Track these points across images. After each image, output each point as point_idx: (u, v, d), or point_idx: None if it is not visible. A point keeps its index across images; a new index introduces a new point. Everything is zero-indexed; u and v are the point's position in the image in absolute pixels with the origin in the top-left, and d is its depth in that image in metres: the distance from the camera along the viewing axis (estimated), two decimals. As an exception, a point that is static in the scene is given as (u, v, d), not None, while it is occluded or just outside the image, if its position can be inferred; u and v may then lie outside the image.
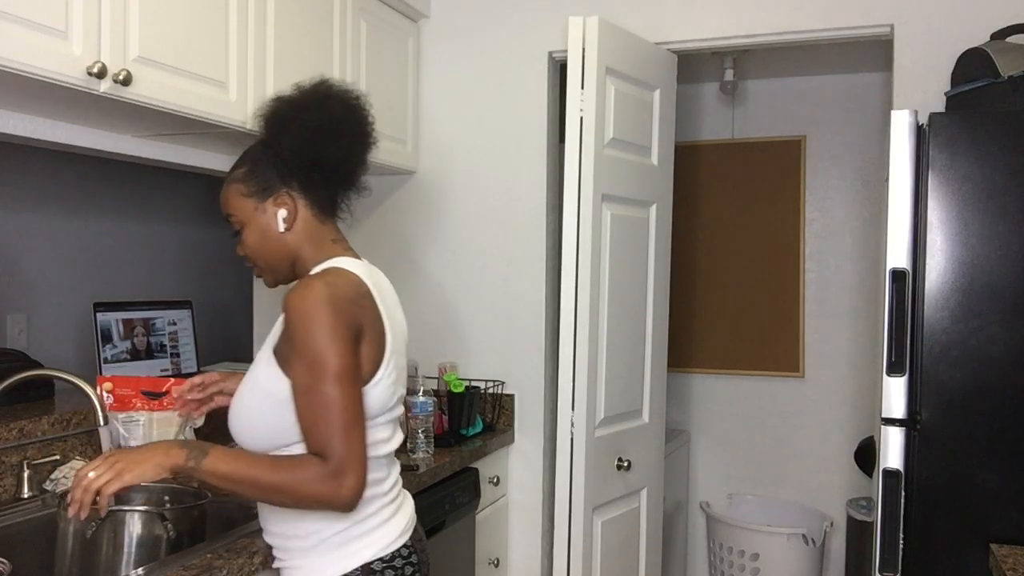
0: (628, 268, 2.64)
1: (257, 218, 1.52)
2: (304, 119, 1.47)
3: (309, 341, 1.36)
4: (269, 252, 1.54)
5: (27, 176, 2.64)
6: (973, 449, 1.96)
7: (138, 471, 1.37)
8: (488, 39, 2.94)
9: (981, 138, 1.96)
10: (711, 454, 3.96)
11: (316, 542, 1.46)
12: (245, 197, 1.53)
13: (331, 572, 1.45)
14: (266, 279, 1.60)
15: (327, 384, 1.35)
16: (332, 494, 1.35)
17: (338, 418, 1.35)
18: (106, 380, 2.11)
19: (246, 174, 1.53)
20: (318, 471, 1.35)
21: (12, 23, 1.52)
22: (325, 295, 1.38)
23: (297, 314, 1.37)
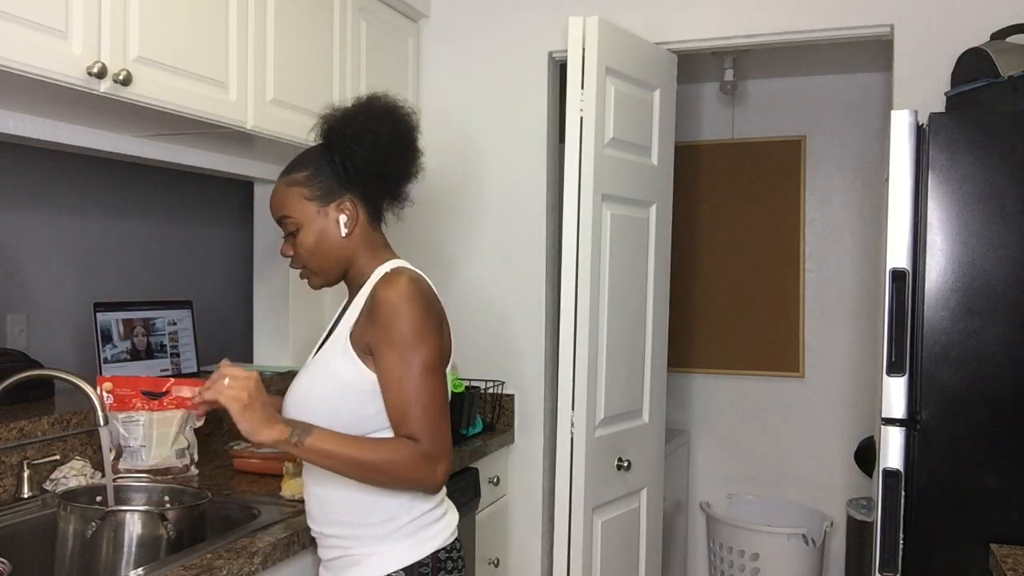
0: (628, 268, 2.64)
1: (318, 221, 1.56)
2: (378, 131, 1.53)
3: (403, 332, 1.44)
4: (324, 255, 1.57)
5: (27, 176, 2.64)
6: (973, 449, 1.96)
7: (249, 425, 1.39)
8: (488, 39, 2.94)
9: (981, 138, 1.96)
10: (711, 454, 3.96)
11: (391, 529, 1.51)
12: (307, 200, 1.56)
13: (405, 559, 1.51)
14: (313, 281, 1.62)
15: (421, 372, 1.45)
16: (427, 476, 1.45)
17: (432, 405, 1.45)
18: (106, 380, 2.11)
19: (309, 178, 1.57)
20: (415, 453, 1.44)
21: (12, 23, 1.52)
22: (415, 290, 1.47)
23: (391, 306, 1.45)
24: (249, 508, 1.85)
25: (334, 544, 1.57)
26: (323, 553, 1.61)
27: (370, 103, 1.58)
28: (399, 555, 1.51)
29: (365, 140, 1.52)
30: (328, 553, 1.59)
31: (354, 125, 1.54)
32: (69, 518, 1.62)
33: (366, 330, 1.49)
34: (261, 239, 2.96)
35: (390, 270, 1.54)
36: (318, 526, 1.60)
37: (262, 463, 2.15)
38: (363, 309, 1.51)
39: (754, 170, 3.88)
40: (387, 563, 1.51)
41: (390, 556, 1.51)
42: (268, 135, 2.21)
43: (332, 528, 1.57)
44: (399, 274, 1.50)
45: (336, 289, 3.08)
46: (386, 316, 1.45)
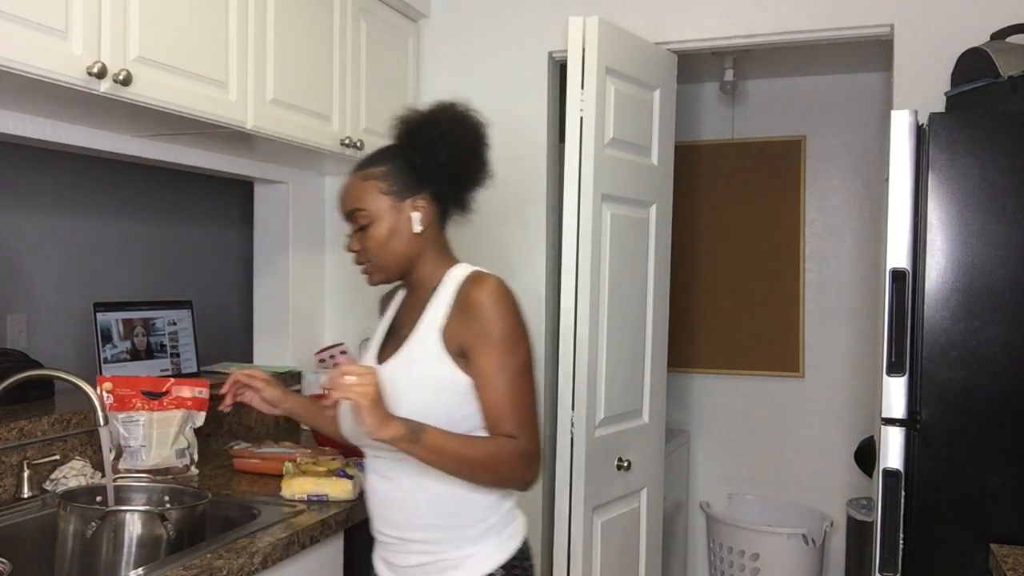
0: (628, 268, 2.64)
1: (391, 216, 1.57)
2: (461, 136, 1.57)
3: (501, 333, 1.48)
4: (392, 251, 1.58)
5: (27, 176, 2.64)
6: (973, 449, 1.96)
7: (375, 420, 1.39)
8: (488, 39, 2.94)
9: (981, 138, 1.96)
10: (711, 454, 3.96)
11: (484, 529, 1.54)
12: (383, 194, 1.57)
13: (501, 556, 1.54)
14: (373, 276, 1.63)
15: (517, 373, 1.49)
16: (527, 474, 1.49)
17: (528, 404, 1.50)
18: (106, 380, 2.11)
19: (386, 172, 1.58)
20: (516, 451, 1.47)
21: (12, 23, 1.52)
22: (508, 293, 1.52)
23: (489, 309, 1.49)
24: (249, 508, 1.85)
25: (421, 549, 1.55)
26: (401, 559, 1.58)
27: (451, 108, 1.60)
28: (494, 553, 1.54)
29: (448, 140, 1.55)
30: (410, 559, 1.56)
31: (439, 126, 1.56)
32: (69, 518, 1.62)
33: (459, 332, 1.50)
34: (261, 239, 2.96)
35: (475, 272, 1.58)
36: (400, 531, 1.56)
37: (262, 463, 2.15)
38: (451, 311, 1.52)
39: (754, 170, 3.88)
40: (485, 563, 1.53)
41: (486, 555, 1.53)
42: (268, 135, 2.21)
43: (419, 533, 1.54)
44: (489, 277, 1.54)
45: (335, 289, 3.08)
46: (484, 318, 1.49)
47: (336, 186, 3.09)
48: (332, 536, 1.86)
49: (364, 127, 2.63)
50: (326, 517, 1.81)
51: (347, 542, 1.94)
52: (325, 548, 1.85)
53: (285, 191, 2.91)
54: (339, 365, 1.44)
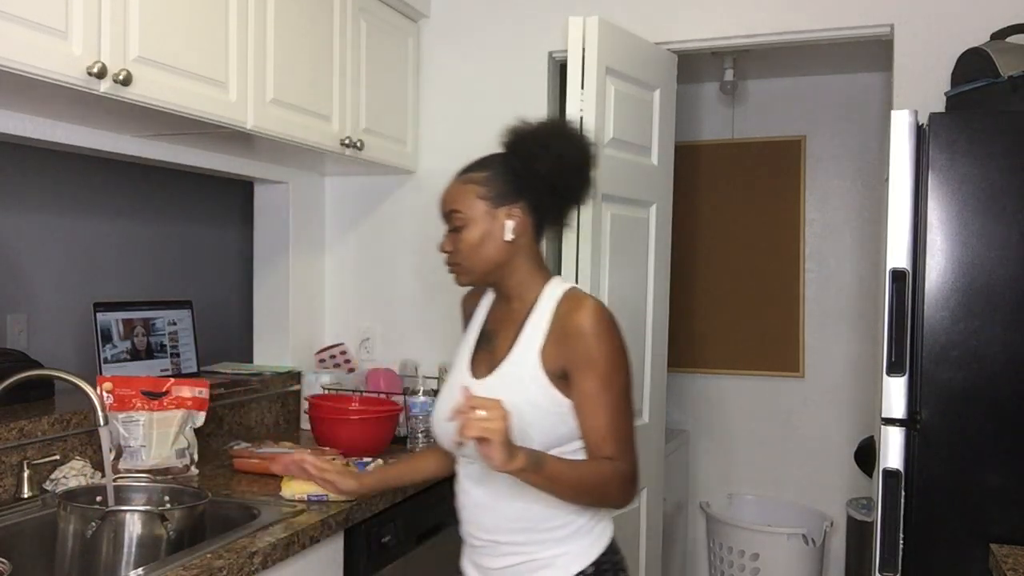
0: (628, 268, 2.64)
1: (485, 221, 1.59)
2: (564, 150, 1.58)
3: (605, 358, 1.50)
4: (482, 255, 1.60)
5: (27, 176, 2.64)
6: (973, 449, 1.96)
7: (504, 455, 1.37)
8: (488, 39, 2.93)
9: (981, 138, 1.96)
10: (711, 454, 3.96)
11: (574, 530, 1.57)
12: (479, 199, 1.59)
13: (591, 554, 1.57)
14: (461, 278, 1.65)
15: (621, 396, 1.52)
16: (628, 497, 1.53)
17: (629, 429, 1.54)
18: (106, 380, 2.11)
19: (486, 179, 1.60)
20: (621, 474, 1.52)
21: (12, 23, 1.52)
22: (610, 316, 1.54)
23: (593, 334, 1.50)
24: (249, 508, 1.85)
25: (513, 551, 1.57)
26: (492, 562, 1.60)
27: (559, 123, 1.66)
28: (584, 552, 1.57)
29: (550, 152, 1.57)
30: (501, 561, 1.59)
31: (542, 138, 1.60)
32: (69, 518, 1.62)
33: (560, 354, 1.52)
34: (261, 239, 2.96)
35: (571, 291, 1.59)
36: (491, 534, 1.59)
37: (262, 463, 2.15)
38: (550, 332, 1.54)
39: (754, 170, 3.87)
40: (576, 561, 1.56)
41: (577, 554, 1.57)
42: (268, 135, 2.21)
43: (512, 535, 1.57)
44: (588, 299, 1.56)
45: (335, 289, 3.08)
46: (587, 342, 1.50)
47: (336, 186, 3.10)
48: (332, 536, 1.86)
49: (364, 127, 2.63)
50: (326, 517, 1.82)
51: (347, 542, 1.94)
52: (325, 548, 1.85)
53: (285, 191, 2.91)
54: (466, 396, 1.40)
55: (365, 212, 3.07)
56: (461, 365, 1.67)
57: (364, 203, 3.07)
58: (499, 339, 1.63)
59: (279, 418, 2.81)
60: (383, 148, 2.76)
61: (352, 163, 2.74)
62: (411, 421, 2.46)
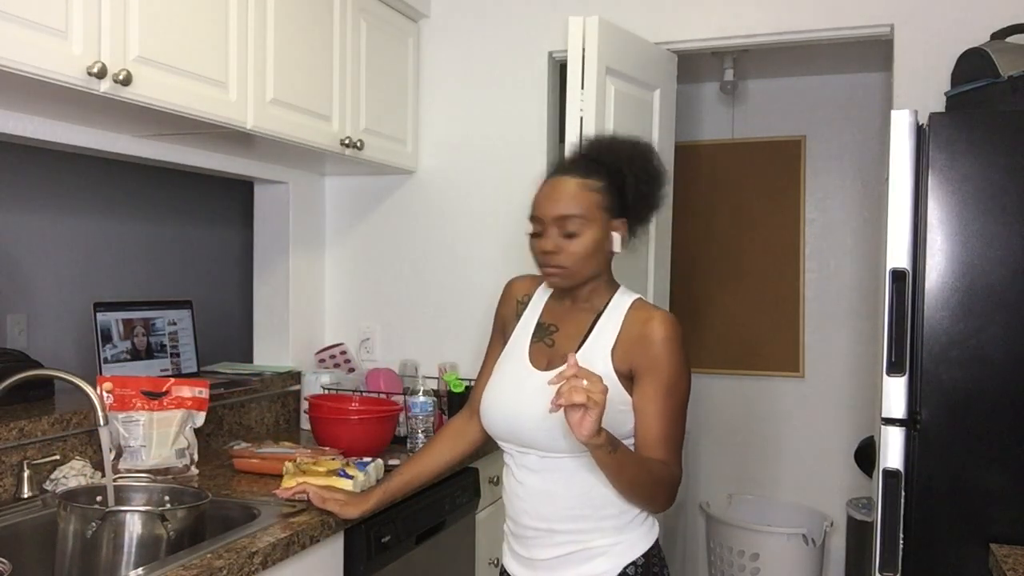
0: (628, 268, 2.64)
1: (600, 229, 1.61)
2: (658, 173, 1.68)
3: (674, 368, 1.60)
4: (591, 263, 1.62)
5: (27, 176, 2.65)
6: (973, 449, 1.96)
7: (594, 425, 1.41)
8: (488, 39, 2.94)
9: (981, 138, 1.96)
10: (711, 454, 3.96)
11: (629, 519, 1.61)
12: (601, 209, 1.61)
13: (643, 546, 1.62)
14: (561, 279, 1.63)
15: (679, 407, 1.62)
16: (670, 500, 1.60)
17: (681, 439, 1.62)
18: (106, 380, 2.11)
19: (605, 188, 1.62)
20: (671, 478, 1.58)
21: (12, 23, 1.52)
22: (681, 331, 1.63)
23: (666, 341, 1.59)
24: (249, 508, 1.85)
25: (568, 540, 1.60)
26: (545, 552, 1.62)
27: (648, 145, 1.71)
28: (638, 542, 1.61)
29: (650, 174, 1.66)
30: (556, 550, 1.61)
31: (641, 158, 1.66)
32: (69, 518, 1.62)
33: (632, 356, 1.59)
34: (261, 239, 2.96)
35: (640, 300, 1.67)
36: (548, 523, 1.61)
37: (262, 463, 2.15)
38: (620, 335, 1.60)
39: (754, 170, 3.87)
40: (630, 551, 1.60)
41: (632, 544, 1.61)
42: (268, 135, 2.21)
43: (568, 524, 1.60)
44: (659, 309, 1.66)
45: (335, 289, 3.08)
46: (660, 349, 1.58)
47: (336, 186, 3.09)
48: (332, 536, 1.86)
49: (364, 127, 2.63)
50: (326, 517, 1.81)
51: (347, 542, 1.94)
52: (325, 548, 1.85)
53: (285, 191, 2.91)
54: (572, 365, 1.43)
55: (365, 212, 3.07)
56: (518, 353, 1.68)
57: (364, 203, 3.07)
58: (560, 335, 1.66)
59: (279, 418, 2.81)
60: (383, 148, 2.76)
61: (352, 163, 2.74)
62: (411, 421, 2.46)
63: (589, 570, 1.59)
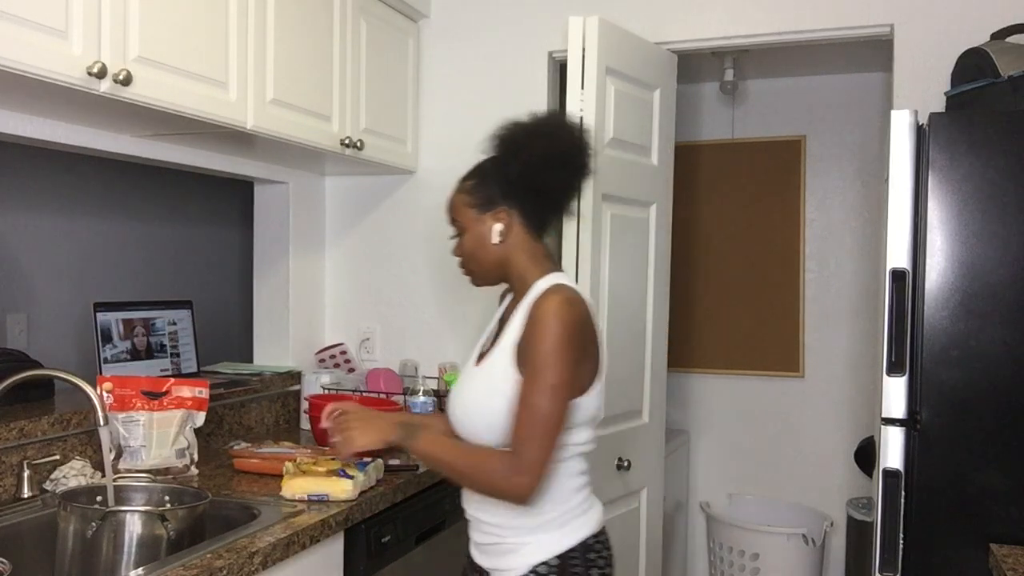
0: (628, 268, 2.64)
1: (476, 227, 1.67)
2: (534, 147, 1.63)
3: (542, 350, 1.52)
4: (480, 258, 1.69)
5: (27, 176, 2.65)
6: (973, 449, 1.96)
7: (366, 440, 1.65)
8: (488, 39, 2.94)
9: (981, 138, 1.96)
10: (711, 454, 3.96)
11: (543, 522, 1.61)
12: (468, 207, 1.68)
13: (557, 548, 1.61)
14: (473, 280, 1.74)
15: (542, 391, 1.52)
16: (506, 489, 1.53)
17: (540, 425, 1.52)
18: (106, 380, 2.11)
19: (473, 187, 1.69)
20: (501, 466, 1.53)
21: (12, 23, 1.52)
22: (566, 311, 1.54)
23: (540, 324, 1.54)
24: (249, 508, 1.85)
25: (489, 531, 1.67)
26: (477, 536, 1.71)
27: (538, 119, 1.69)
28: (552, 544, 1.61)
29: (521, 155, 1.63)
30: (483, 538, 1.69)
31: (515, 140, 1.66)
32: (69, 518, 1.62)
33: (523, 341, 1.58)
34: (261, 239, 2.96)
35: (551, 286, 1.61)
36: (473, 511, 1.69)
37: (262, 463, 2.15)
38: (525, 325, 1.59)
39: (754, 170, 3.87)
40: (541, 551, 1.61)
41: (544, 544, 1.61)
42: (268, 135, 2.21)
43: (487, 516, 1.66)
44: (557, 292, 1.57)
45: (335, 289, 3.08)
46: (534, 332, 1.54)
47: (336, 186, 3.10)
48: (332, 536, 1.86)
49: (364, 127, 2.63)
50: (326, 517, 1.81)
51: (347, 542, 1.94)
52: (325, 548, 1.85)
53: (285, 191, 2.91)
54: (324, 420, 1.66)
55: (365, 212, 3.07)
56: (473, 356, 1.76)
57: (364, 203, 3.07)
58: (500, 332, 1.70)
59: (279, 418, 2.81)
60: (383, 148, 2.76)
61: (352, 163, 2.74)
62: (411, 421, 2.46)
63: (505, 563, 1.64)
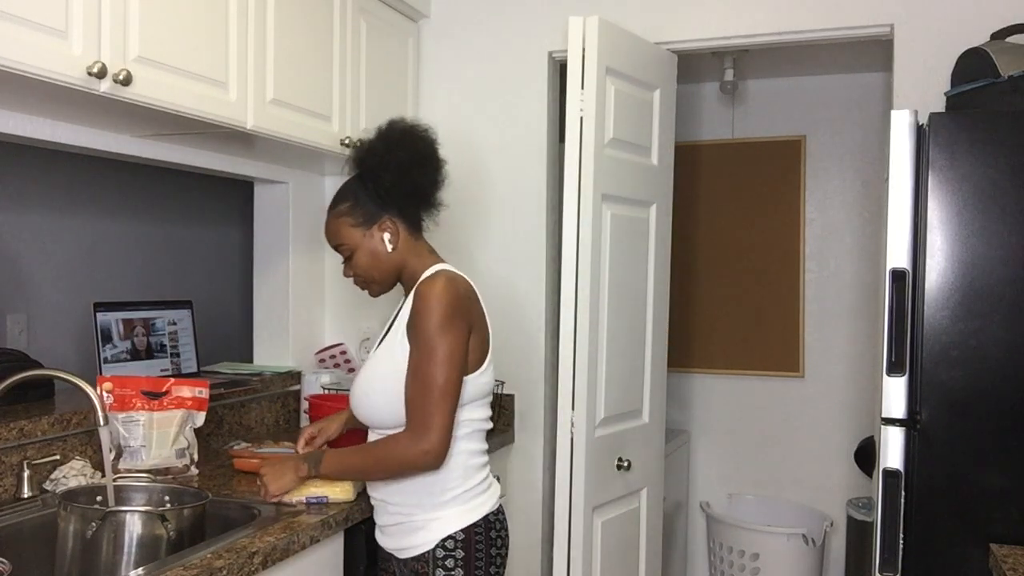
0: (628, 268, 2.64)
1: (366, 243, 1.80)
2: (400, 157, 1.76)
3: (425, 327, 1.65)
4: (378, 269, 1.81)
5: (27, 176, 2.64)
6: (973, 449, 1.96)
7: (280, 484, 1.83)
8: (488, 39, 2.94)
9: (981, 138, 1.96)
10: (711, 454, 3.96)
11: (450, 498, 1.74)
12: (353, 228, 1.80)
13: (462, 522, 1.74)
14: (372, 291, 1.86)
15: (433, 366, 1.64)
16: (416, 457, 1.65)
17: (435, 393, 1.64)
18: (106, 380, 2.11)
19: (351, 208, 1.80)
20: (405, 440, 1.66)
21: (12, 23, 1.52)
22: (445, 289, 1.68)
23: (422, 302, 1.67)
24: (249, 508, 1.85)
25: (395, 512, 1.77)
26: (382, 519, 1.81)
27: (388, 131, 1.81)
28: (457, 519, 1.74)
29: (389, 166, 1.75)
30: (388, 519, 1.79)
31: (376, 154, 1.77)
32: (69, 518, 1.62)
33: (411, 323, 1.70)
34: (261, 239, 2.96)
35: (434, 271, 1.76)
36: (381, 494, 1.79)
37: (262, 463, 2.15)
38: (412, 308, 1.72)
39: (754, 170, 3.87)
40: (447, 526, 1.73)
41: (450, 520, 1.73)
42: (268, 135, 2.21)
43: (395, 497, 1.76)
44: (437, 275, 1.72)
45: (335, 289, 3.08)
46: (417, 310, 1.68)
47: (336, 186, 3.08)
48: (332, 536, 1.86)
49: (364, 127, 2.63)
50: (326, 517, 1.81)
51: (347, 542, 1.94)
52: (325, 548, 1.85)
53: (285, 191, 2.91)
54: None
55: (365, 212, 3.06)
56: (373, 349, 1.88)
57: (364, 203, 3.07)
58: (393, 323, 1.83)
59: (279, 418, 2.81)
60: (383, 148, 2.75)
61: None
62: (411, 421, 2.46)
63: (411, 541, 1.75)
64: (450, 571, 1.72)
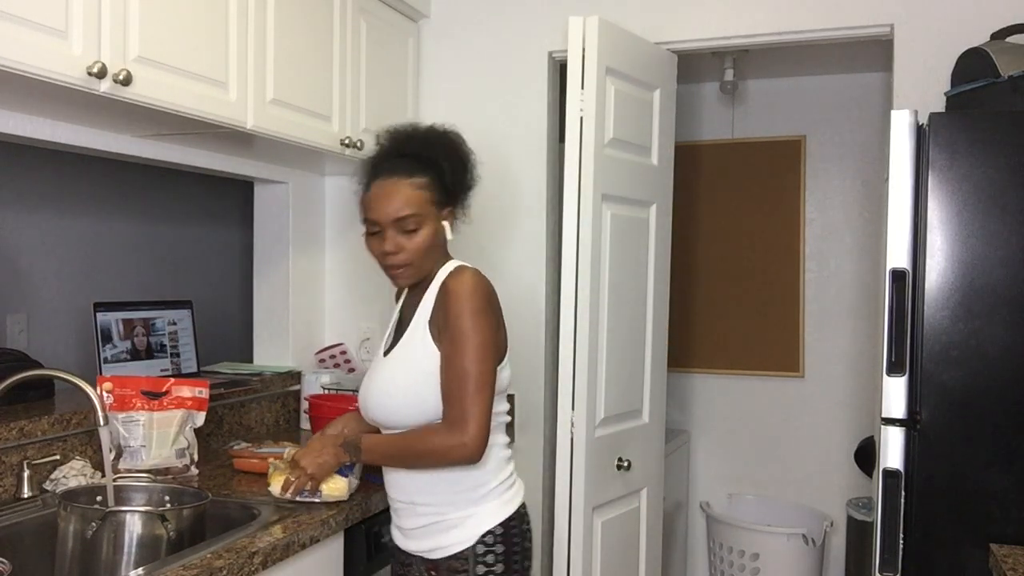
0: (628, 268, 2.64)
1: (434, 223, 1.75)
2: (465, 155, 1.81)
3: (460, 319, 1.64)
4: (431, 255, 1.76)
5: (27, 176, 2.64)
6: (973, 449, 1.96)
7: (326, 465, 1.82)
8: (488, 39, 2.93)
9: (981, 138, 1.96)
10: (711, 454, 3.96)
11: (484, 493, 1.72)
12: (431, 204, 1.74)
13: (500, 515, 1.73)
14: (407, 276, 1.77)
15: (467, 358, 1.63)
16: (456, 448, 1.62)
17: (471, 383, 1.63)
18: (106, 380, 2.11)
19: (430, 184, 1.75)
20: (445, 432, 1.64)
21: (12, 23, 1.52)
22: (477, 283, 1.69)
23: (456, 296, 1.66)
24: (249, 508, 1.85)
25: (425, 512, 1.73)
26: (409, 522, 1.77)
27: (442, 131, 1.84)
28: (493, 513, 1.72)
29: (460, 162, 1.79)
30: (416, 521, 1.75)
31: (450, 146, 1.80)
32: (69, 518, 1.62)
33: (437, 317, 1.69)
34: (261, 239, 2.96)
35: (458, 266, 1.76)
36: (408, 496, 1.75)
37: (262, 463, 2.15)
38: (435, 303, 1.71)
39: (754, 170, 3.87)
40: (485, 521, 1.71)
41: (486, 515, 1.72)
42: (268, 135, 2.21)
43: (425, 497, 1.73)
44: (466, 269, 1.73)
45: (335, 289, 3.08)
46: (451, 304, 1.66)
47: (336, 186, 3.09)
48: (332, 536, 1.86)
49: (364, 127, 2.63)
50: (326, 517, 1.82)
51: (347, 542, 1.94)
52: (325, 548, 1.85)
53: (285, 191, 2.91)
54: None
55: (365, 212, 3.06)
56: (380, 350, 1.86)
57: (364, 203, 3.06)
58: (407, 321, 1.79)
59: (279, 418, 2.81)
60: (383, 148, 2.75)
61: (352, 163, 2.73)
62: (411, 421, 2.46)
63: (445, 540, 1.71)
64: (491, 567, 1.70)
